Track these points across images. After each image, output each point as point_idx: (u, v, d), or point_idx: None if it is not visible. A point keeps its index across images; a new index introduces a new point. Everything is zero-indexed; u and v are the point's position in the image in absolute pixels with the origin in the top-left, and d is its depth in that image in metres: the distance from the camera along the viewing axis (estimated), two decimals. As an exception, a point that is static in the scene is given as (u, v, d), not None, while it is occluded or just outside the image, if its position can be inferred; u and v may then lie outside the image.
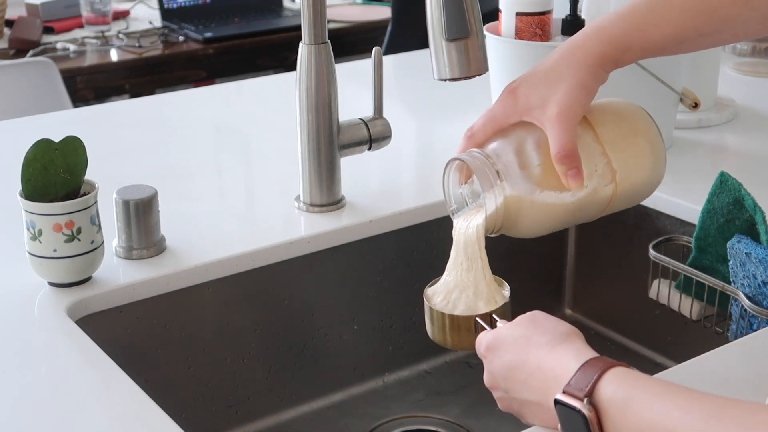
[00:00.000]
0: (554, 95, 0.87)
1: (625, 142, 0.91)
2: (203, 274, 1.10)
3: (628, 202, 0.94)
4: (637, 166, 0.91)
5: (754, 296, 0.99)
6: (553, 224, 0.91)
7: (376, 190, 1.30)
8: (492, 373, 0.81)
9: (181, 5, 3.18)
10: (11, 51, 2.82)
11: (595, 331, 1.39)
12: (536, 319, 0.81)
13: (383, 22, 3.23)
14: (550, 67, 0.90)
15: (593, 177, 0.88)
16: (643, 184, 0.93)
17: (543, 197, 0.87)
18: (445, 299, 0.93)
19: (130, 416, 0.83)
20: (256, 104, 1.75)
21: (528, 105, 0.89)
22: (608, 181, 0.89)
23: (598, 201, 0.90)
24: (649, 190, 0.95)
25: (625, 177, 0.90)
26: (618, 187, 0.90)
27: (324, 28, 1.15)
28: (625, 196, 0.92)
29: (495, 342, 0.81)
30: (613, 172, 0.89)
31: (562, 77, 0.88)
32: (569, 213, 0.90)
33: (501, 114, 0.91)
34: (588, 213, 0.91)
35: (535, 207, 0.88)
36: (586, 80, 0.88)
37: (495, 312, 0.90)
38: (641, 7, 0.90)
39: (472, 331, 0.90)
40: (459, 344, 0.93)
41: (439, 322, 0.93)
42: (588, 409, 0.68)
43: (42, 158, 0.98)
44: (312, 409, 1.23)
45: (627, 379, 0.69)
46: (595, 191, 0.89)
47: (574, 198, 0.88)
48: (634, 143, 0.91)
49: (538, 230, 0.91)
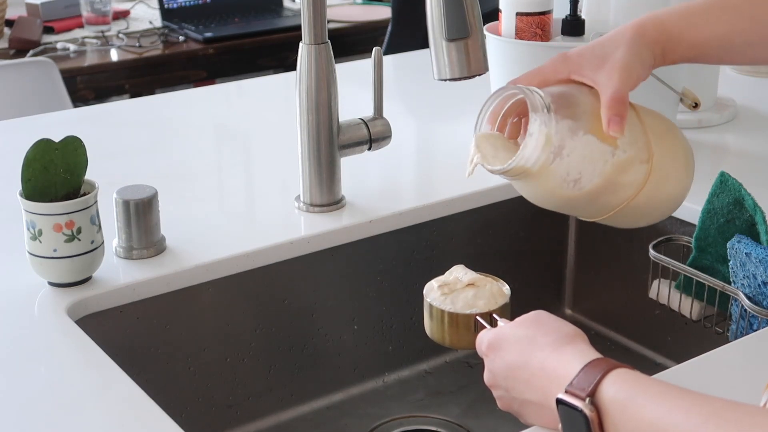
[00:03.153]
0: (611, 56, 0.88)
1: (666, 137, 0.91)
2: (203, 274, 1.10)
3: (651, 207, 0.91)
4: (673, 162, 0.90)
5: (754, 296, 0.99)
6: (587, 180, 0.87)
7: (376, 190, 1.30)
8: (493, 372, 0.81)
9: (181, 5, 3.18)
10: (11, 51, 2.82)
11: (595, 331, 1.39)
12: (540, 319, 0.80)
13: (383, 22, 3.23)
14: (606, 38, 0.91)
15: (633, 146, 0.87)
16: (672, 187, 0.91)
17: (585, 140, 0.85)
18: (445, 296, 0.93)
19: (130, 416, 0.83)
20: (256, 104, 1.75)
21: (580, 64, 0.89)
22: (645, 159, 0.87)
23: (630, 180, 0.88)
24: (670, 203, 0.93)
25: (660, 166, 0.88)
26: (651, 175, 0.88)
27: (324, 28, 1.15)
28: (653, 193, 0.89)
29: (497, 341, 0.81)
30: (651, 154, 0.88)
31: (619, 45, 0.89)
32: (604, 175, 0.86)
33: (549, 70, 0.91)
34: (617, 191, 0.88)
35: (575, 151, 0.85)
36: (643, 53, 0.90)
37: (495, 311, 0.90)
38: (697, 5, 0.92)
39: (471, 330, 0.90)
40: (457, 342, 0.93)
41: (438, 318, 0.93)
42: (590, 409, 0.68)
43: (42, 158, 0.98)
44: (312, 409, 1.23)
45: (629, 380, 0.69)
46: (631, 162, 0.87)
47: (613, 156, 0.86)
48: (674, 143, 0.91)
49: (568, 185, 0.87)
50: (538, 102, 0.85)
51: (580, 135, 0.85)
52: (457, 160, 1.41)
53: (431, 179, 1.40)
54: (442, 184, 1.32)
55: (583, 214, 0.94)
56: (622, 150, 0.86)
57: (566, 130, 0.85)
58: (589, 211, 0.92)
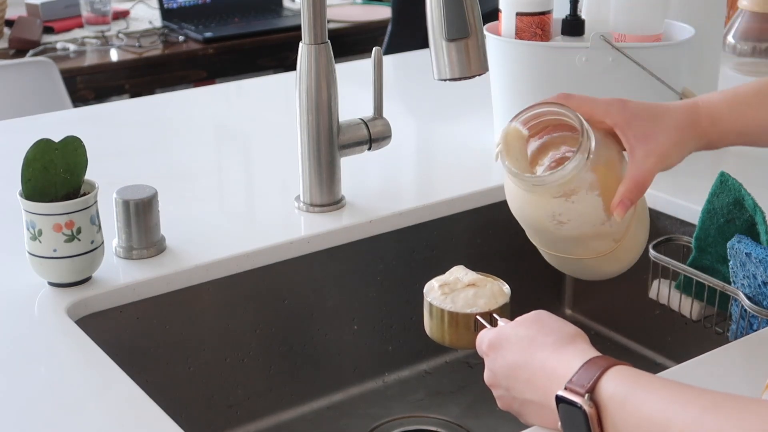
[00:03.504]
0: (657, 136, 0.90)
1: (640, 229, 0.99)
2: (203, 274, 1.10)
3: (588, 271, 1.01)
4: (630, 252, 1.00)
5: (754, 296, 0.99)
6: (569, 227, 0.93)
7: (376, 190, 1.30)
8: (494, 371, 0.81)
9: (181, 5, 3.18)
10: (11, 51, 2.82)
11: (595, 331, 1.39)
12: (541, 319, 0.81)
13: (383, 22, 3.23)
14: (664, 110, 0.93)
15: (619, 225, 0.93)
16: (614, 268, 1.01)
17: (593, 201, 0.90)
18: (446, 295, 0.93)
19: (130, 416, 0.83)
20: (256, 104, 1.75)
21: (629, 122, 0.91)
22: (618, 239, 0.95)
23: (595, 246, 0.95)
24: (600, 275, 1.03)
25: (622, 250, 0.97)
26: (612, 253, 0.96)
27: (324, 28, 1.15)
28: (601, 264, 0.98)
29: (498, 340, 0.81)
30: (623, 237, 0.94)
31: (668, 128, 0.91)
32: (583, 232, 0.93)
33: (602, 110, 0.92)
34: (579, 247, 0.96)
35: (580, 203, 0.90)
36: (689, 144, 0.92)
37: (495, 310, 0.90)
38: (746, 91, 0.94)
39: (471, 329, 0.90)
40: (457, 341, 0.93)
41: (438, 317, 0.93)
42: (588, 405, 0.68)
43: (42, 158, 0.98)
44: (312, 409, 1.23)
45: (628, 377, 0.69)
46: (607, 236, 0.93)
47: (601, 224, 0.92)
48: (642, 237, 1.01)
49: (553, 220, 0.93)
50: (587, 148, 0.89)
51: (593, 194, 0.90)
52: (457, 160, 1.41)
53: (431, 179, 1.39)
54: (442, 184, 1.32)
55: (537, 240, 1.00)
56: (609, 223, 0.92)
57: (587, 184, 0.90)
58: (543, 241, 0.99)
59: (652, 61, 1.32)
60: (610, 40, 1.31)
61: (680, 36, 1.41)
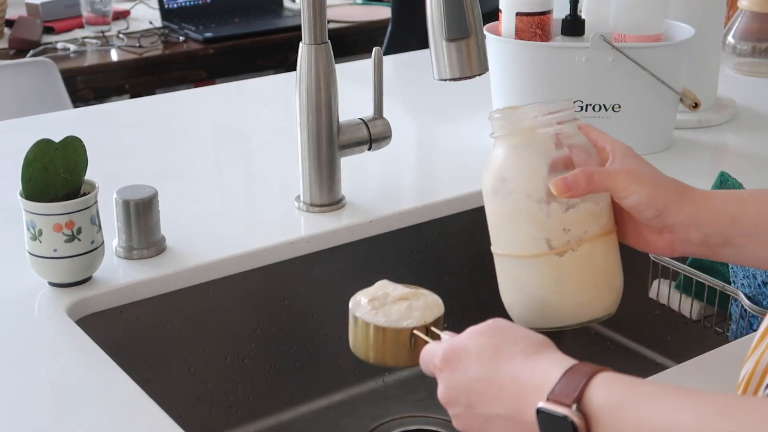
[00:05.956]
0: (644, 163, 0.84)
1: (600, 271, 0.89)
2: (203, 274, 1.10)
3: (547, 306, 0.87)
4: (585, 286, 0.88)
5: (754, 296, 0.99)
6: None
7: (376, 190, 1.30)
8: (451, 387, 0.73)
9: (181, 5, 3.18)
10: (11, 51, 2.82)
11: (595, 331, 1.39)
12: (501, 327, 0.74)
13: (383, 22, 3.23)
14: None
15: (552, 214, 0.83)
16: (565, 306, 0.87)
17: (541, 163, 0.82)
18: (376, 310, 0.87)
19: (130, 416, 0.83)
20: (256, 104, 1.75)
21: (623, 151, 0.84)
22: (555, 244, 0.84)
23: (531, 240, 0.84)
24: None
25: (567, 273, 0.85)
26: (555, 267, 0.84)
27: (324, 28, 1.15)
28: (551, 282, 0.85)
29: (455, 353, 0.73)
30: (564, 252, 0.84)
31: (660, 173, 0.85)
32: (525, 191, 0.82)
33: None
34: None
35: (527, 159, 0.82)
36: (669, 190, 0.84)
37: (432, 323, 0.84)
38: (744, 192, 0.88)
39: (407, 346, 0.84)
40: (393, 359, 0.85)
41: (371, 334, 0.86)
42: (577, 416, 0.63)
43: (42, 158, 0.98)
44: (312, 409, 1.23)
45: (618, 383, 0.65)
46: (542, 225, 0.83)
47: (538, 200, 0.82)
48: (596, 283, 0.89)
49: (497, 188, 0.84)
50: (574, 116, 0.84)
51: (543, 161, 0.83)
52: (457, 160, 1.41)
53: (431, 179, 1.39)
54: (442, 184, 1.32)
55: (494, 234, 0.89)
56: (548, 209, 0.83)
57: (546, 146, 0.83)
58: (490, 220, 0.88)
59: (652, 61, 1.32)
60: (610, 40, 1.32)
61: (680, 36, 1.41)
